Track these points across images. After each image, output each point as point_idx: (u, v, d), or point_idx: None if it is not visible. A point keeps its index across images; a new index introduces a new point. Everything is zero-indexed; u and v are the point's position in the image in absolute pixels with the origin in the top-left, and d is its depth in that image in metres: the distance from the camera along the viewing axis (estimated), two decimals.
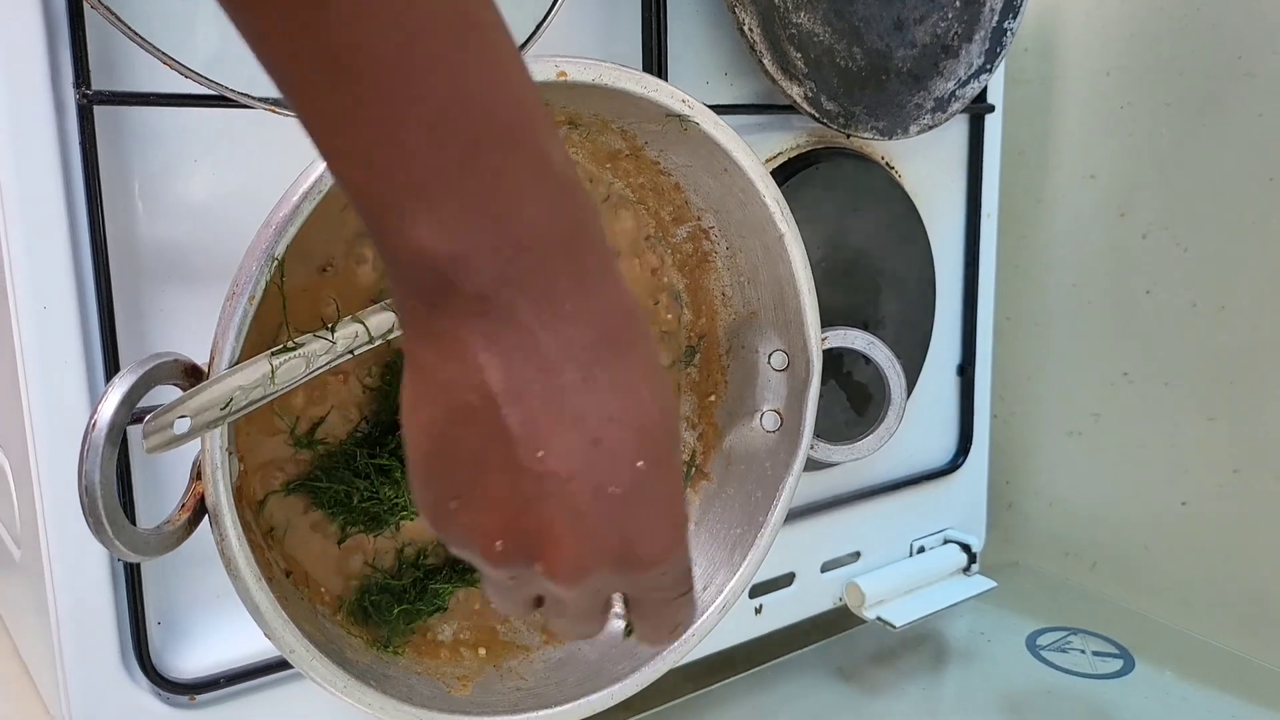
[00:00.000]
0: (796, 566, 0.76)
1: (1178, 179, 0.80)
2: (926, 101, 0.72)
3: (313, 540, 0.50)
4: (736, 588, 0.54)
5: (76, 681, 0.49)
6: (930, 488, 0.83)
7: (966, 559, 0.83)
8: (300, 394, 0.49)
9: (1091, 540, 0.89)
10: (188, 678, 0.52)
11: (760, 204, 0.54)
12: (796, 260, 0.55)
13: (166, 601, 0.52)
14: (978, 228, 0.81)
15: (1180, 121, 0.79)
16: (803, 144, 0.72)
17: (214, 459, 0.40)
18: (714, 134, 0.51)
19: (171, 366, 0.39)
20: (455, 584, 0.53)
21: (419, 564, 0.52)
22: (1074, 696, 0.73)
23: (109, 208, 0.47)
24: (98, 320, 0.47)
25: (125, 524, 0.37)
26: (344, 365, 0.46)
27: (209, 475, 0.40)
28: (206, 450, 0.40)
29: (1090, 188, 0.85)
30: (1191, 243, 0.80)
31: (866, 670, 0.78)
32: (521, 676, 0.52)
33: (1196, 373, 0.80)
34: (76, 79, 0.45)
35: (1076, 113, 0.86)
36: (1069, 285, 0.88)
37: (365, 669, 0.47)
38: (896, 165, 0.76)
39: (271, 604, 0.42)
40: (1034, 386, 0.91)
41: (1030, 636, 0.80)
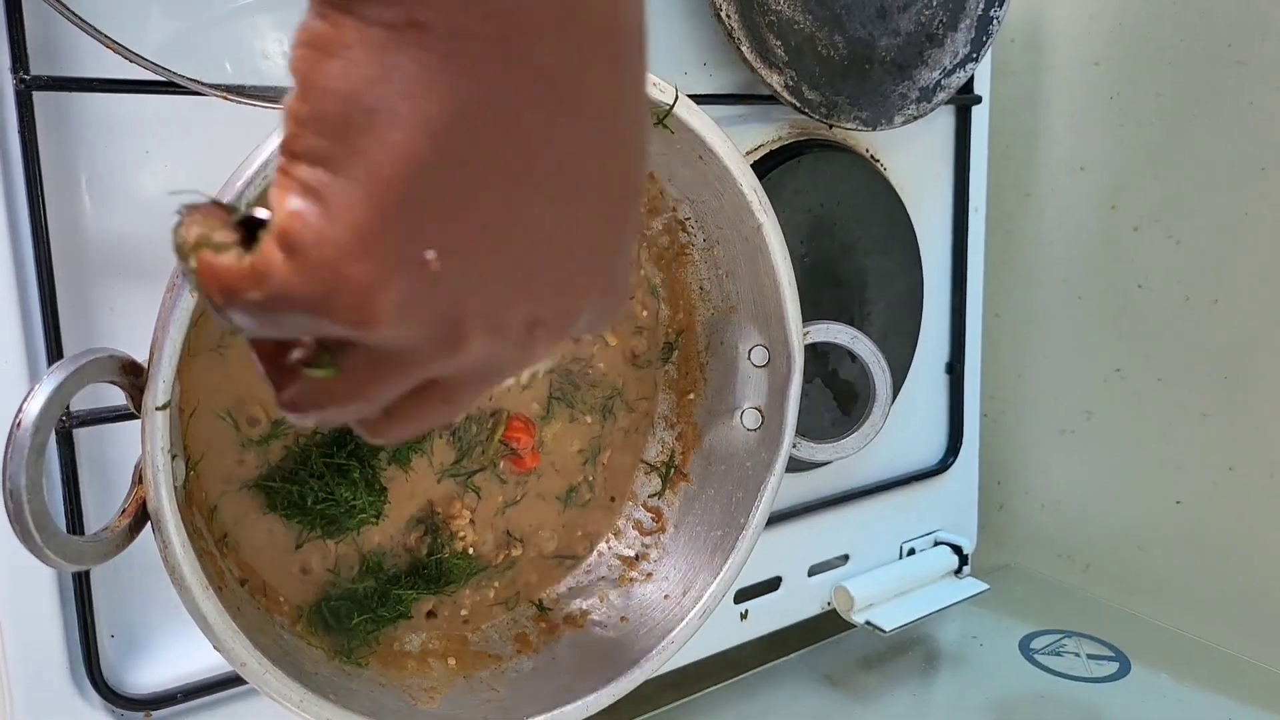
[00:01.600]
0: (783, 570, 0.74)
1: (1169, 170, 0.78)
2: (911, 91, 0.70)
3: (269, 547, 0.48)
4: (718, 591, 0.52)
5: (23, 698, 0.47)
6: (920, 488, 0.81)
7: (958, 561, 0.81)
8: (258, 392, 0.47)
9: (1085, 541, 0.87)
10: (143, 693, 0.50)
11: (737, 193, 0.52)
12: (776, 251, 0.53)
13: (120, 613, 0.50)
14: (965, 222, 0.79)
15: (1171, 112, 0.78)
16: (784, 136, 0.70)
17: (155, 461, 0.38)
18: (687, 119, 0.49)
19: (107, 363, 0.36)
20: (420, 591, 0.51)
21: (380, 569, 0.50)
22: (1069, 700, 0.71)
23: (53, 200, 0.45)
24: (40, 317, 0.45)
25: (56, 530, 0.35)
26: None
27: (150, 478, 0.38)
28: (147, 452, 0.38)
29: (1080, 180, 0.84)
30: (1184, 235, 0.78)
31: (856, 676, 0.76)
32: (493, 687, 0.49)
33: (1190, 368, 0.79)
34: (14, 64, 0.43)
35: (1065, 104, 0.84)
36: (1059, 280, 0.86)
37: (325, 681, 0.44)
38: (881, 158, 0.74)
39: (220, 614, 0.40)
40: (1024, 384, 0.90)
41: (1023, 640, 0.78)
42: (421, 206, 0.21)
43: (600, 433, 0.57)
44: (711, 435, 0.57)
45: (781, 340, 0.54)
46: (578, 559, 0.57)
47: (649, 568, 0.56)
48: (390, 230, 0.21)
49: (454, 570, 0.51)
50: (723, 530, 0.54)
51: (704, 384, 0.58)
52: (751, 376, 0.56)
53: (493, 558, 0.54)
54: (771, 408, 0.55)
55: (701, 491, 0.57)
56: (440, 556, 0.51)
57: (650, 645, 0.50)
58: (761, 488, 0.54)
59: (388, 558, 0.51)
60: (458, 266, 0.22)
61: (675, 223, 0.56)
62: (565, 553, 0.56)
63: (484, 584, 0.54)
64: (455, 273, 0.22)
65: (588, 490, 0.57)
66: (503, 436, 0.54)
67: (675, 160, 0.52)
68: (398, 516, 0.51)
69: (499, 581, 0.54)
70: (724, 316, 0.57)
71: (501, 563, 0.54)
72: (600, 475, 0.57)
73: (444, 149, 0.21)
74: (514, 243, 0.23)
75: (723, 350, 0.57)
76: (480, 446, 0.53)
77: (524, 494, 0.55)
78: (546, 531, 0.56)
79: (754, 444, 0.56)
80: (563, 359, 0.55)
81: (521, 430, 0.54)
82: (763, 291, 0.54)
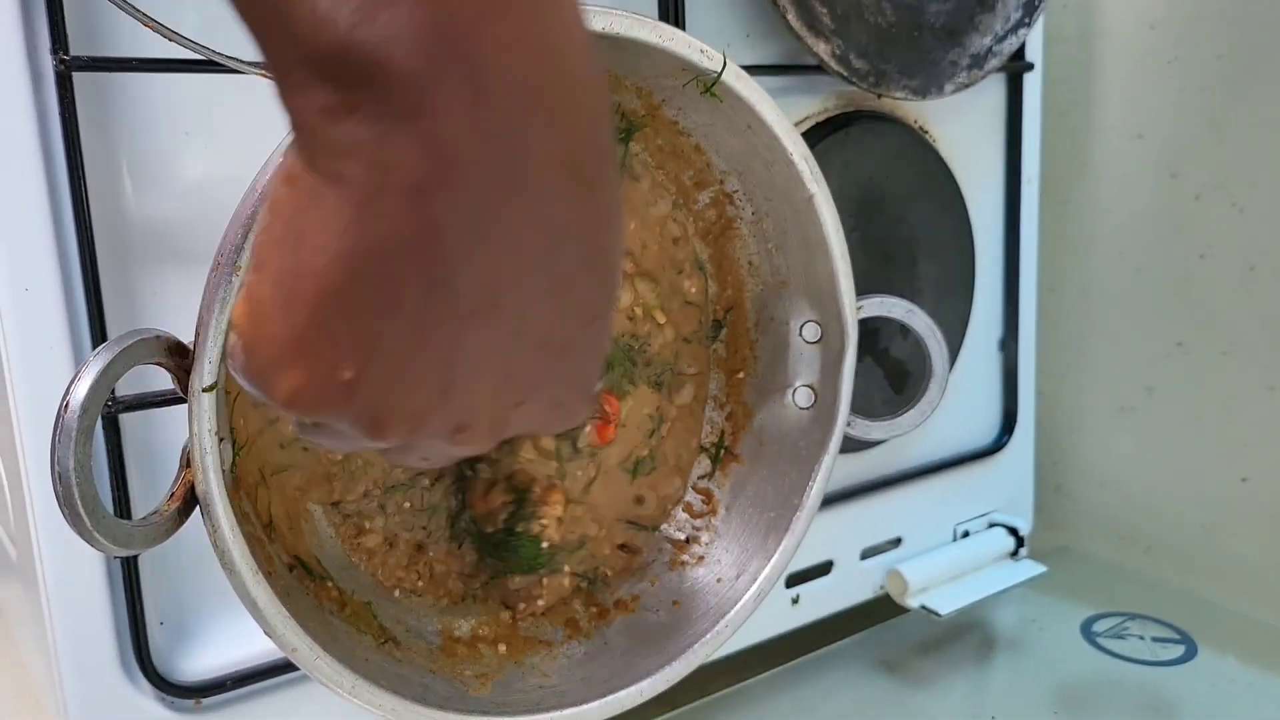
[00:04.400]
0: (835, 554, 0.72)
1: (1232, 136, 0.76)
2: (962, 59, 0.68)
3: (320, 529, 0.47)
4: (772, 574, 0.51)
5: (74, 686, 0.47)
6: (973, 469, 0.79)
7: (1014, 543, 0.79)
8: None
9: (1146, 521, 0.85)
10: (193, 680, 0.50)
11: (787, 163, 0.50)
12: (828, 223, 0.51)
13: (169, 601, 0.50)
14: (1018, 193, 0.77)
15: (1232, 74, 0.75)
16: (831, 107, 0.68)
17: (203, 443, 0.37)
18: (735, 86, 0.47)
19: (153, 344, 0.36)
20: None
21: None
22: (1134, 685, 0.69)
23: (94, 183, 0.44)
24: (84, 301, 0.44)
25: (105, 514, 0.34)
26: None
27: (198, 461, 0.37)
28: (194, 435, 0.37)
29: (1137, 148, 0.81)
30: (1248, 203, 0.75)
31: (911, 661, 0.74)
32: (544, 674, 0.48)
33: (1256, 340, 0.76)
34: (54, 45, 0.43)
35: (1121, 69, 0.81)
36: (1116, 253, 0.83)
37: (376, 667, 0.44)
38: (931, 128, 0.72)
39: (271, 599, 0.39)
40: (1081, 360, 0.87)
41: (1085, 623, 0.76)
42: (337, 324, 0.24)
43: (660, 404, 0.56)
44: (762, 415, 0.56)
45: (834, 315, 0.53)
46: (653, 526, 0.56)
47: (700, 551, 0.55)
48: (307, 344, 0.25)
49: (520, 551, 0.50)
50: (776, 511, 0.53)
51: (754, 362, 0.57)
52: (803, 353, 0.55)
53: (572, 540, 0.53)
54: (825, 385, 0.54)
55: (753, 472, 0.55)
56: (515, 531, 0.50)
57: (704, 630, 0.49)
58: (815, 467, 0.52)
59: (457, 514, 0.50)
60: (374, 378, 0.25)
61: (723, 196, 0.55)
62: (640, 520, 0.55)
63: (557, 566, 0.53)
64: (373, 383, 0.25)
65: (651, 462, 0.56)
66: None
67: (723, 130, 0.51)
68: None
69: (570, 563, 0.53)
70: (774, 292, 0.56)
71: (576, 541, 0.53)
72: (663, 447, 0.56)
73: (359, 277, 0.24)
74: (434, 359, 0.26)
75: (773, 327, 0.56)
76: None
77: (599, 471, 0.54)
78: (620, 506, 0.55)
79: (807, 423, 0.54)
80: (620, 335, 0.54)
81: (610, 395, 0.53)
82: (814, 265, 0.53)
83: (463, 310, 0.25)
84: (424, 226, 0.23)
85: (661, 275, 0.55)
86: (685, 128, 0.52)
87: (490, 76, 0.22)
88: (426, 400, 0.27)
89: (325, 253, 0.23)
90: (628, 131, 0.52)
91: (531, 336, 0.27)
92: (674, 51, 0.46)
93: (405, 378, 0.26)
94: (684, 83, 0.48)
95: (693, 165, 0.54)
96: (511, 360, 0.27)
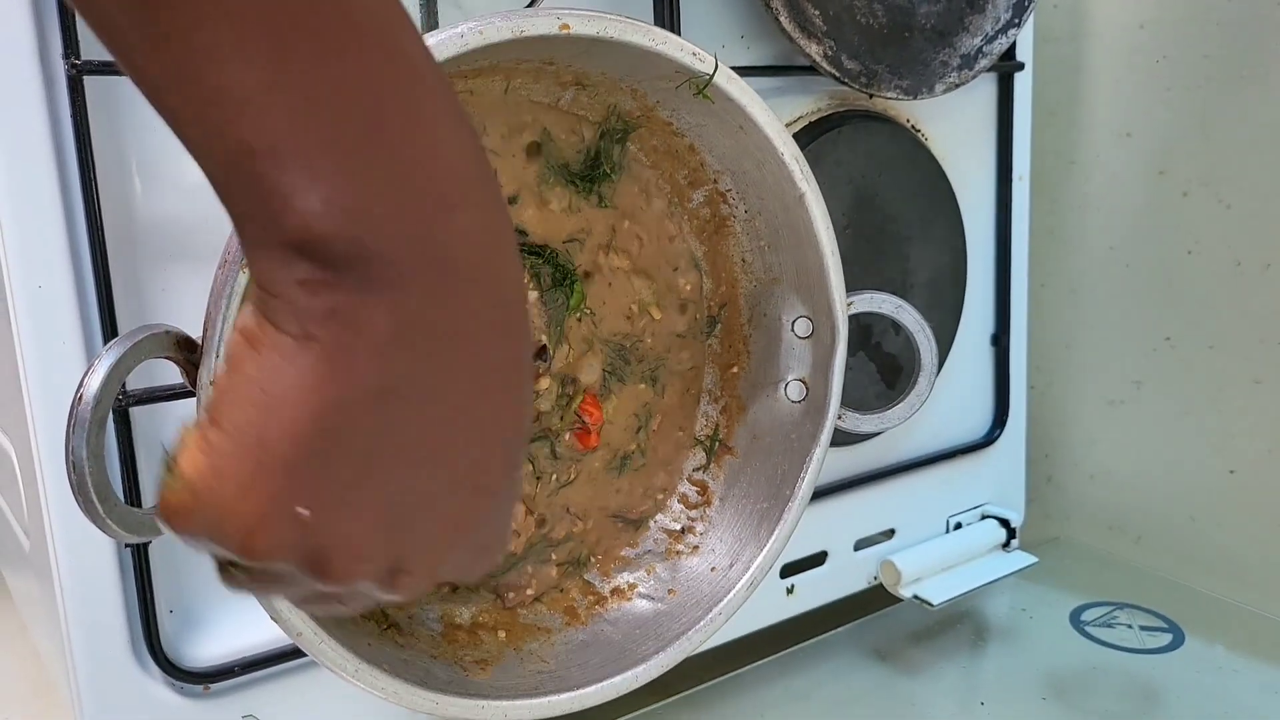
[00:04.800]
0: (829, 545, 0.74)
1: (1219, 134, 0.77)
2: (952, 59, 0.69)
3: None
4: (764, 564, 0.52)
5: (86, 672, 0.48)
6: (966, 461, 0.80)
7: (1006, 534, 0.80)
8: None
9: (1135, 512, 0.86)
10: (201, 666, 0.51)
11: (778, 162, 0.51)
12: (818, 220, 0.52)
13: (178, 589, 0.51)
14: (1009, 191, 0.78)
15: (1220, 74, 0.76)
16: (823, 107, 0.69)
17: None
18: (727, 88, 0.49)
19: (163, 339, 0.37)
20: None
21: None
22: (1122, 672, 0.70)
23: (104, 183, 0.46)
24: (95, 298, 0.46)
25: (117, 502, 0.35)
26: None
27: None
28: None
29: (1126, 146, 0.82)
30: (1235, 200, 0.76)
31: (904, 650, 0.76)
32: (542, 659, 0.50)
33: (1242, 335, 0.77)
34: (65, 49, 0.44)
35: (1110, 68, 0.82)
36: (1106, 248, 0.85)
37: (379, 652, 0.45)
38: (922, 127, 0.74)
39: None
40: (1072, 355, 0.88)
41: (1074, 612, 0.77)
42: (305, 470, 0.26)
43: (650, 399, 0.57)
44: (755, 408, 0.57)
45: (825, 311, 0.54)
46: (643, 518, 0.57)
47: (695, 541, 0.56)
48: (275, 490, 0.26)
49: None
50: (768, 503, 0.54)
51: (747, 357, 0.58)
52: (795, 348, 0.56)
53: (554, 535, 0.54)
54: (816, 379, 0.55)
55: (746, 464, 0.57)
56: None
57: (698, 617, 0.50)
58: (807, 459, 0.53)
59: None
60: (327, 518, 0.27)
61: (716, 195, 0.56)
62: (628, 514, 0.57)
63: (543, 558, 0.54)
64: (327, 523, 0.27)
65: (640, 457, 0.57)
66: (578, 408, 0.54)
67: (716, 131, 0.52)
68: None
69: (557, 553, 0.54)
70: (766, 288, 0.57)
71: (563, 538, 0.54)
72: (651, 442, 0.57)
73: (328, 427, 0.26)
74: (382, 503, 0.28)
75: (765, 322, 0.57)
76: (559, 412, 0.54)
77: (578, 473, 0.55)
78: (604, 500, 0.56)
79: (798, 416, 0.55)
80: (614, 335, 0.55)
81: (593, 405, 0.54)
82: (805, 262, 0.54)
83: (413, 457, 0.28)
84: (388, 380, 0.26)
85: (657, 273, 0.57)
86: (679, 128, 0.53)
87: (451, 258, 0.26)
88: (374, 539, 0.28)
89: (298, 406, 0.26)
90: (624, 132, 0.54)
91: (470, 482, 0.30)
92: (667, 55, 0.47)
93: (357, 517, 0.28)
94: (677, 85, 0.49)
95: (687, 165, 0.55)
96: (450, 505, 0.30)
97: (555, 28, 0.43)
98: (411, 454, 0.28)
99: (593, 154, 0.53)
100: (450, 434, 0.28)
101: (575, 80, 0.51)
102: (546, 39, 0.43)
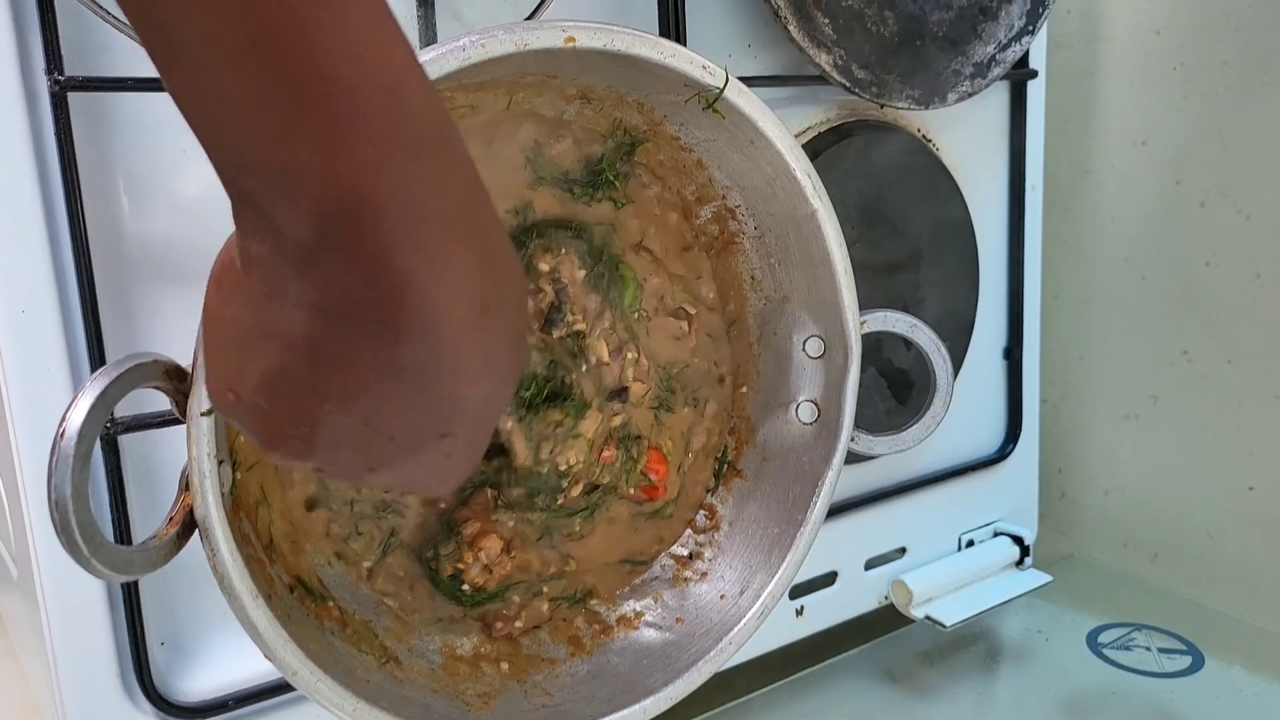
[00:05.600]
0: (839, 565, 0.72)
1: (1237, 142, 0.75)
2: (964, 67, 0.68)
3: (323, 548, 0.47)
4: (776, 591, 0.50)
5: (74, 706, 0.47)
6: (978, 478, 0.79)
7: (1019, 552, 0.79)
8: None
9: (1152, 530, 0.84)
10: (193, 700, 0.50)
11: (789, 178, 0.50)
12: (831, 239, 0.51)
13: (170, 621, 0.49)
14: (1022, 201, 0.77)
15: (1238, 81, 0.74)
16: (833, 118, 0.67)
17: (202, 468, 0.37)
18: (737, 102, 0.47)
19: (150, 368, 0.35)
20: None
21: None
22: (1140, 697, 0.69)
23: (91, 203, 0.44)
24: (81, 323, 0.44)
25: (102, 540, 0.34)
26: None
27: (196, 485, 0.37)
28: (193, 459, 0.37)
29: (1142, 155, 0.81)
30: (1253, 210, 0.75)
31: (916, 672, 0.74)
32: (547, 692, 0.48)
33: (1262, 348, 0.75)
34: (48, 65, 0.42)
35: (1125, 76, 0.81)
36: (1121, 260, 0.83)
37: (377, 688, 0.43)
38: (934, 137, 0.72)
39: (270, 622, 0.39)
40: (1086, 369, 0.87)
41: (1091, 634, 0.76)
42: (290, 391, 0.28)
43: (693, 422, 0.56)
44: (766, 430, 0.56)
45: (838, 330, 0.52)
46: (652, 559, 0.55)
47: (704, 567, 0.54)
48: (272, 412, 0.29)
49: (439, 586, 0.50)
50: (780, 528, 0.52)
51: (757, 377, 0.56)
52: (806, 368, 0.54)
53: (543, 573, 0.52)
54: (828, 400, 0.53)
55: (757, 488, 0.55)
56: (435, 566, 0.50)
57: (708, 647, 0.49)
58: (819, 483, 0.52)
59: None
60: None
61: (725, 211, 0.54)
62: (636, 558, 0.55)
63: (534, 592, 0.52)
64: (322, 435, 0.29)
65: (674, 504, 0.55)
66: (644, 468, 0.53)
67: (725, 146, 0.50)
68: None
69: (549, 588, 0.53)
70: (776, 307, 0.55)
71: (552, 574, 0.52)
72: (686, 480, 0.56)
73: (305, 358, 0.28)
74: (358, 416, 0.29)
75: (775, 342, 0.56)
76: (625, 476, 0.53)
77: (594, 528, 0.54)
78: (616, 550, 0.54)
79: (810, 438, 0.54)
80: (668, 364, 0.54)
81: (660, 461, 0.53)
82: (817, 280, 0.52)
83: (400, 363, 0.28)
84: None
85: (685, 279, 0.55)
86: (687, 143, 0.52)
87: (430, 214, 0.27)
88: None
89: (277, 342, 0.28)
90: (631, 146, 0.52)
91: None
92: (676, 68, 0.45)
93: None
94: (686, 99, 0.48)
95: (694, 180, 0.54)
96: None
97: (560, 40, 0.41)
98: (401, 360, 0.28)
99: (597, 166, 0.52)
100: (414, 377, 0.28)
101: (580, 94, 0.49)
102: (551, 52, 0.42)
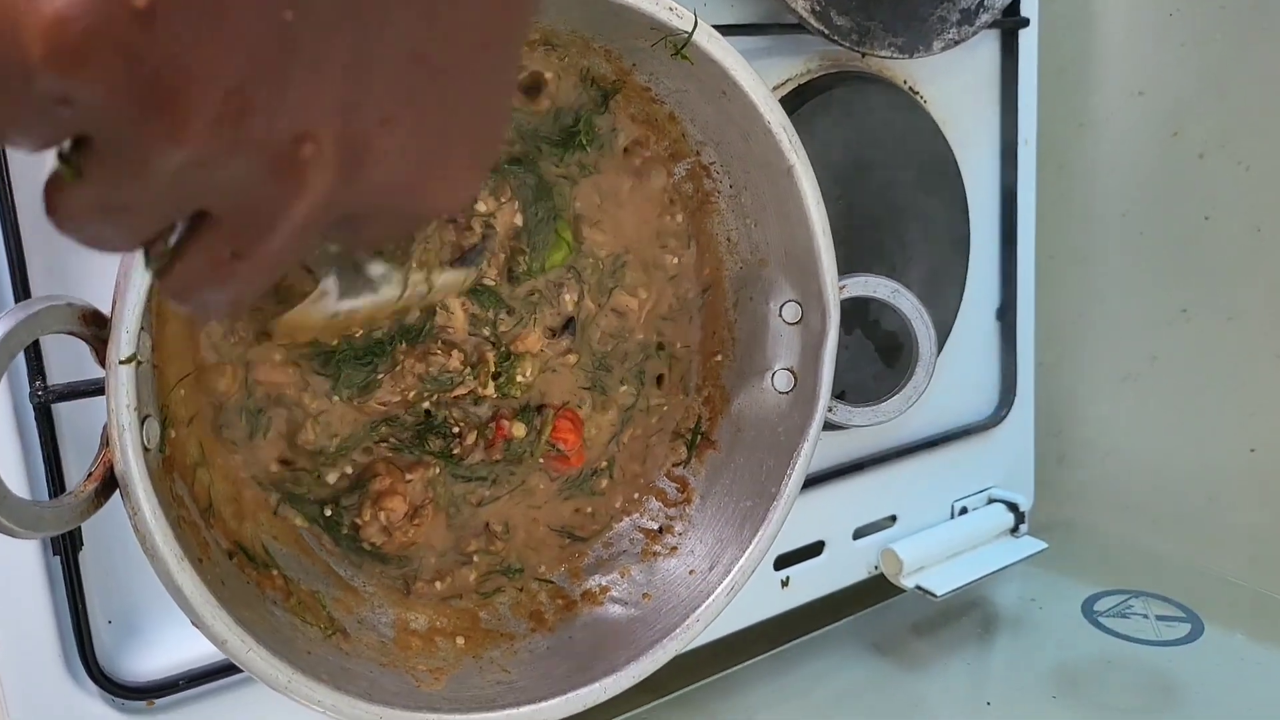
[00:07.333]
0: (826, 534, 0.70)
1: (1236, 91, 0.73)
2: (951, 13, 0.65)
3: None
4: (747, 566, 0.48)
5: (15, 689, 0.45)
6: (971, 443, 0.77)
7: (1014, 519, 0.77)
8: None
9: (1151, 494, 0.82)
10: (143, 681, 0.48)
11: (765, 132, 0.47)
12: (808, 196, 0.48)
13: (117, 598, 0.48)
14: (1014, 156, 0.75)
15: (1236, 27, 0.72)
16: (813, 69, 0.65)
17: (120, 420, 0.35)
18: (708, 48, 0.45)
19: (64, 311, 0.34)
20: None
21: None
22: (1138, 666, 0.67)
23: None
24: (5, 261, 0.42)
25: (6, 493, 0.32)
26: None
27: (115, 439, 0.35)
28: (112, 411, 0.35)
29: (1138, 106, 0.78)
30: (1254, 161, 0.72)
31: (906, 643, 0.72)
32: (504, 669, 0.46)
33: (1263, 305, 0.73)
34: None
35: (1120, 23, 0.78)
36: (1118, 215, 0.81)
37: (319, 661, 0.42)
38: (920, 89, 0.69)
39: (197, 586, 0.37)
40: (1082, 329, 0.85)
41: (1087, 602, 0.74)
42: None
43: (633, 404, 0.53)
44: (740, 399, 0.53)
45: (815, 295, 0.50)
46: (594, 537, 0.53)
47: (673, 541, 0.52)
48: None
49: (340, 541, 0.47)
50: (753, 501, 0.50)
51: (732, 344, 0.54)
52: (783, 335, 0.52)
53: (464, 549, 0.50)
54: (805, 368, 0.51)
55: (730, 460, 0.53)
56: (336, 521, 0.47)
57: (674, 624, 0.47)
58: (795, 455, 0.50)
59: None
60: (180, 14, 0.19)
61: (699, 168, 0.52)
62: (577, 532, 0.53)
63: (460, 567, 0.50)
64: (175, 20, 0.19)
65: (605, 476, 0.53)
66: (550, 438, 0.50)
67: (697, 97, 0.48)
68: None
69: (479, 559, 0.51)
70: (753, 270, 0.53)
71: (473, 551, 0.50)
72: (621, 454, 0.53)
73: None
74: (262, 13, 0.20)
75: (751, 307, 0.53)
76: (528, 450, 0.50)
77: (508, 491, 0.51)
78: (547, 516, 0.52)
79: (786, 408, 0.52)
80: (598, 343, 0.51)
81: (569, 430, 0.51)
82: (795, 241, 0.50)
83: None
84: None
85: (646, 249, 0.53)
86: (658, 95, 0.49)
87: None
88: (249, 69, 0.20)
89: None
90: (604, 97, 0.50)
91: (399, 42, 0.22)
92: (642, 9, 0.43)
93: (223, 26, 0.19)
94: (653, 44, 0.45)
95: (668, 135, 0.51)
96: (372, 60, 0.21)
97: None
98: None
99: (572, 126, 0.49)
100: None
101: (543, 38, 0.47)
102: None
